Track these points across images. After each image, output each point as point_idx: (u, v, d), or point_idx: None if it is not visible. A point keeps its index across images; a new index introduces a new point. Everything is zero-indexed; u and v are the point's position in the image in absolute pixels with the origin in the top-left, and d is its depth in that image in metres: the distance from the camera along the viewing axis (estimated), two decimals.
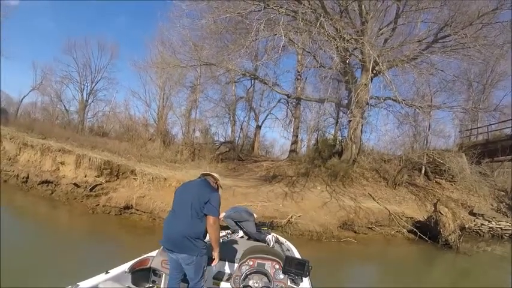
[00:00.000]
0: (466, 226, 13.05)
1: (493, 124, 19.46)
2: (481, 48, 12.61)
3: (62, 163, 13.03)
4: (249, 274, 3.60)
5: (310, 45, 14.20)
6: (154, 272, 3.77)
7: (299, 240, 10.11)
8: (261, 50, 17.04)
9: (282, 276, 3.66)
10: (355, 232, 11.40)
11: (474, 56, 13.59)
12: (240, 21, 11.58)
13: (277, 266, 3.71)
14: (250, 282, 3.55)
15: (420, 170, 16.75)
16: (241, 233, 5.19)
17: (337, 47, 11.65)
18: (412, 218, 12.70)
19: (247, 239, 5.06)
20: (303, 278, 3.65)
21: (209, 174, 3.41)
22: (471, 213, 13.80)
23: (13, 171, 13.24)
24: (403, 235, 12.11)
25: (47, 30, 50.07)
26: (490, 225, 13.40)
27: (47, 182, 12.48)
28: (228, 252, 4.05)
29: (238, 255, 3.95)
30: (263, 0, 11.06)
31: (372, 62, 11.48)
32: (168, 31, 19.91)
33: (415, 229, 11.96)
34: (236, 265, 3.79)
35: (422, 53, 13.33)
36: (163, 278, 3.76)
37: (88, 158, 12.47)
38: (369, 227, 11.82)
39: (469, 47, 12.47)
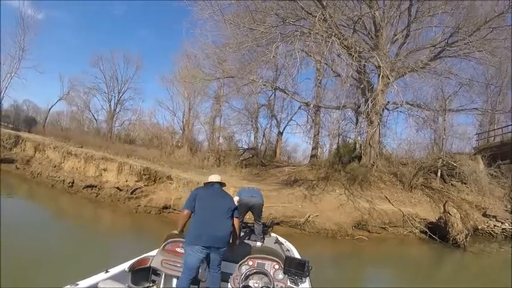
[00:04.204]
0: (479, 227, 13.53)
1: (509, 125, 19.32)
2: (488, 52, 12.90)
3: (105, 169, 14.71)
4: (249, 274, 3.66)
5: (326, 57, 15.03)
6: (154, 271, 3.80)
7: (315, 237, 11.20)
8: (280, 61, 17.99)
9: (282, 276, 3.70)
10: (368, 231, 12.17)
11: (484, 59, 13.78)
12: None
13: (277, 266, 3.75)
14: (251, 283, 3.60)
15: (436, 173, 16.95)
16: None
17: (353, 57, 12.27)
18: (425, 219, 13.16)
19: (248, 239, 5.13)
20: (303, 278, 3.69)
21: (219, 182, 3.88)
22: (484, 214, 14.08)
23: (59, 177, 15.02)
24: (415, 235, 12.66)
25: (70, 43, 53.17)
26: (503, 227, 13.60)
27: (91, 186, 14.15)
28: (228, 252, 3.93)
29: (238, 256, 3.93)
30: (282, 18, 12.21)
31: (381, 75, 12.27)
32: (192, 45, 21.31)
33: (426, 230, 12.46)
34: (236, 265, 3.83)
35: (429, 63, 13.79)
36: (163, 278, 3.85)
37: (129, 165, 14.08)
38: (382, 227, 12.51)
39: (476, 52, 12.81)
